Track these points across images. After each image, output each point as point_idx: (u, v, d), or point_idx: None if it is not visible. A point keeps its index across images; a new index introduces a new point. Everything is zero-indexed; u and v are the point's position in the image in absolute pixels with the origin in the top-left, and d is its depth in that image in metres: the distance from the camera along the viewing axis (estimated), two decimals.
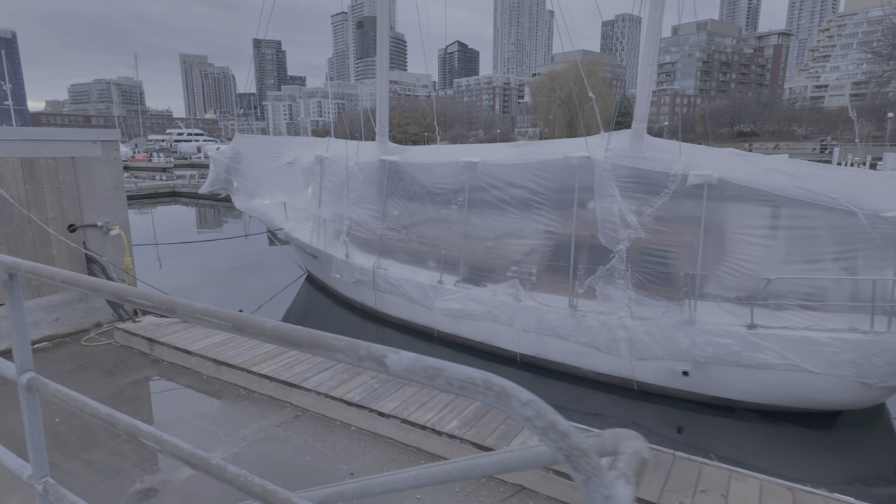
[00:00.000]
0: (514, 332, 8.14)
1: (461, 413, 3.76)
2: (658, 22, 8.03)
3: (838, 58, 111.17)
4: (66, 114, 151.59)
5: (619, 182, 7.18)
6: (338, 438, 3.83)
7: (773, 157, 9.10)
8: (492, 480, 3.34)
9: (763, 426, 6.71)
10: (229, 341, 5.12)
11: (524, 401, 0.84)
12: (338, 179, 10.31)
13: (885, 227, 5.82)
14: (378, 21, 10.80)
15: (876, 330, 5.92)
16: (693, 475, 3.05)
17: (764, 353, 6.30)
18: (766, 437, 6.66)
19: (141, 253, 15.77)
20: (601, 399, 7.58)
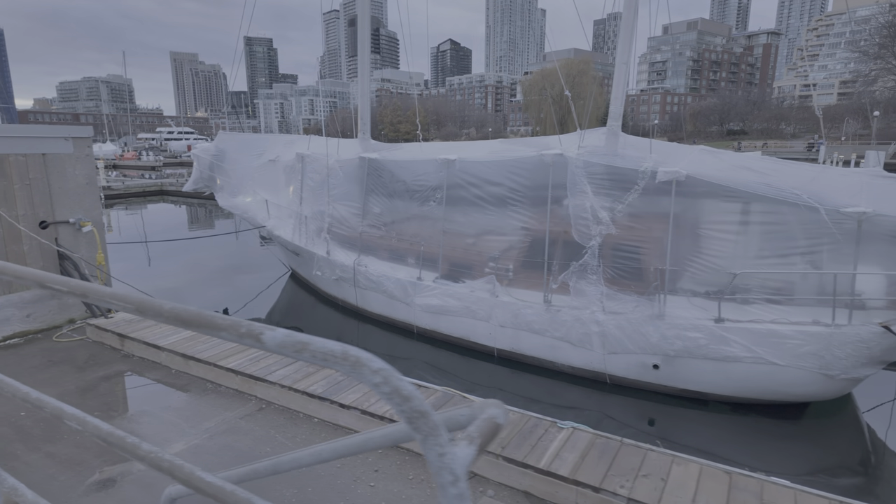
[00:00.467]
0: (491, 327, 8.24)
1: None
2: (632, 22, 8.14)
3: (826, 57, 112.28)
4: (55, 111, 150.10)
5: (591, 179, 7.28)
6: (299, 430, 3.91)
7: (743, 154, 9.26)
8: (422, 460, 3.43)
9: (733, 418, 6.85)
10: (200, 336, 5.17)
11: (374, 369, 0.91)
12: (318, 177, 10.37)
13: (845, 222, 5.96)
14: (359, 19, 10.84)
15: (837, 323, 6.06)
16: (637, 461, 3.16)
17: (731, 346, 6.43)
18: (734, 428, 6.80)
19: (131, 251, 15.77)
20: (575, 393, 7.69)
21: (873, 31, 69.68)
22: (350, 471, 3.41)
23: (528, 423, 3.61)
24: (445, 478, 0.90)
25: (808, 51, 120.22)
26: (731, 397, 6.82)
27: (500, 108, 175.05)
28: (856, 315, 6.15)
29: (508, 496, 3.16)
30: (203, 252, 17.11)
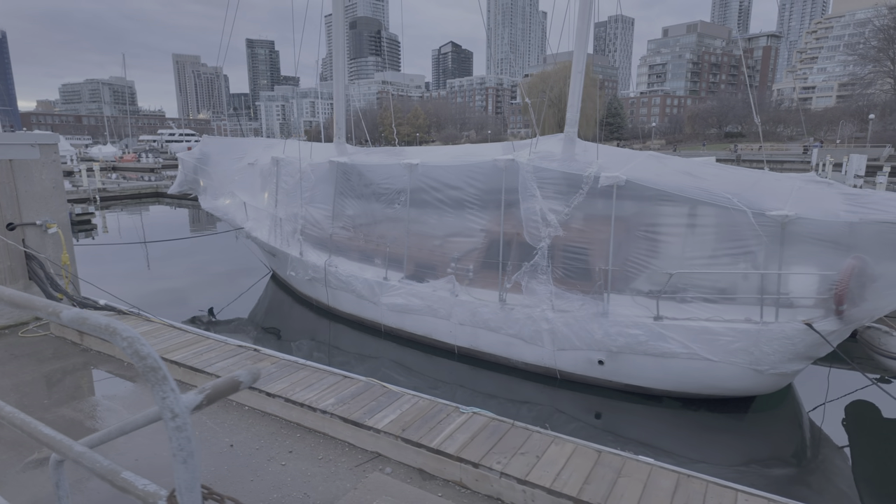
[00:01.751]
0: (452, 325, 8.56)
1: (340, 393, 4.17)
2: (585, 33, 8.47)
3: (825, 60, 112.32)
4: (57, 114, 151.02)
5: (541, 183, 7.60)
6: (229, 416, 4.24)
7: (692, 159, 9.57)
8: (352, 448, 3.76)
9: (679, 412, 7.14)
10: (155, 331, 5.51)
11: (124, 337, 1.24)
12: (292, 180, 10.71)
13: (770, 225, 6.27)
14: (333, 24, 11.17)
15: (765, 320, 6.37)
16: (521, 441, 3.48)
17: (668, 342, 6.74)
18: (676, 421, 7.09)
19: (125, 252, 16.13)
20: (529, 388, 8.00)
21: (869, 35, 69.89)
22: (267, 451, 3.74)
23: (434, 408, 3.93)
24: (166, 414, 1.23)
25: (807, 53, 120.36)
26: (671, 392, 7.13)
27: (500, 110, 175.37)
28: (785, 313, 6.46)
29: (404, 473, 3.49)
30: (194, 253, 17.47)
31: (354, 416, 3.81)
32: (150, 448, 3.76)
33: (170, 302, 11.90)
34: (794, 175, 7.49)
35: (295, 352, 9.47)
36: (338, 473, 3.47)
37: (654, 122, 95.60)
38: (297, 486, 3.34)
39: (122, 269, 15.08)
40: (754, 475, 6.14)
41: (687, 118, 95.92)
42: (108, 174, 47.34)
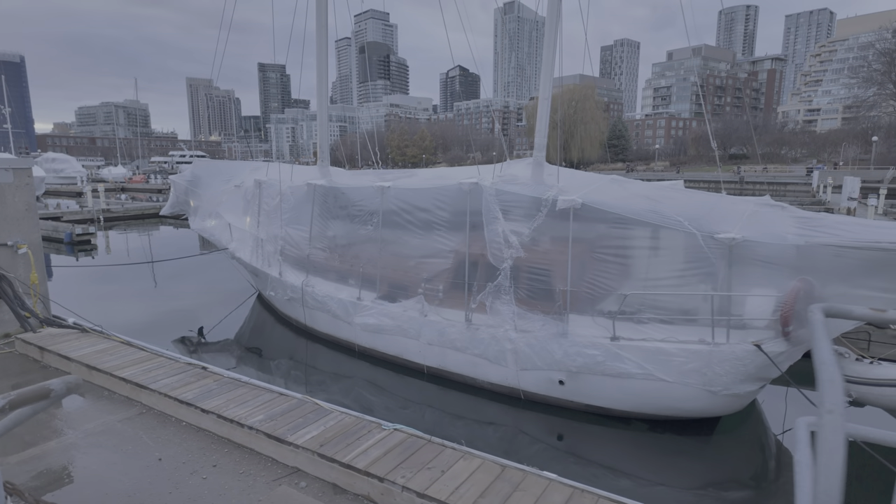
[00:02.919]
0: (421, 345, 8.66)
1: (271, 409, 4.31)
2: (551, 61, 8.74)
3: (829, 82, 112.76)
4: (72, 136, 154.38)
5: (503, 206, 7.78)
6: (166, 431, 4.38)
7: (660, 182, 9.72)
8: (275, 463, 3.88)
9: (641, 434, 7.13)
10: (111, 349, 5.69)
11: None
12: (273, 201, 10.97)
13: (718, 247, 6.38)
14: (316, 49, 11.51)
15: (717, 341, 6.43)
16: (431, 456, 3.59)
17: (624, 362, 6.80)
18: (636, 442, 7.08)
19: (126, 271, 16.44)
20: (494, 409, 8.05)
21: (871, 58, 70.25)
22: (192, 465, 3.87)
23: (357, 424, 4.05)
24: None
25: (811, 76, 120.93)
26: (631, 413, 7.16)
27: (506, 132, 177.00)
28: (739, 334, 6.52)
29: (318, 487, 3.60)
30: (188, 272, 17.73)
31: (278, 432, 3.94)
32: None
33: (162, 322, 12.08)
34: (751, 199, 7.61)
35: (274, 371, 9.61)
36: (254, 487, 3.58)
37: (657, 145, 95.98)
38: (212, 499, 3.46)
39: (116, 288, 15.34)
40: (710, 499, 6.14)
41: (691, 140, 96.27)
42: (117, 195, 48.17)
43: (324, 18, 11.11)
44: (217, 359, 9.90)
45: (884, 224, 6.66)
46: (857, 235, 6.10)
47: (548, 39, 8.67)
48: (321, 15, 11.08)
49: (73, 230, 21.61)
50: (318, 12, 11.08)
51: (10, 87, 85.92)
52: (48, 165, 58.26)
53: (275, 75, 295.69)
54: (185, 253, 22.80)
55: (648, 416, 7.10)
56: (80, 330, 6.33)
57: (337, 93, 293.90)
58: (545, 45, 8.73)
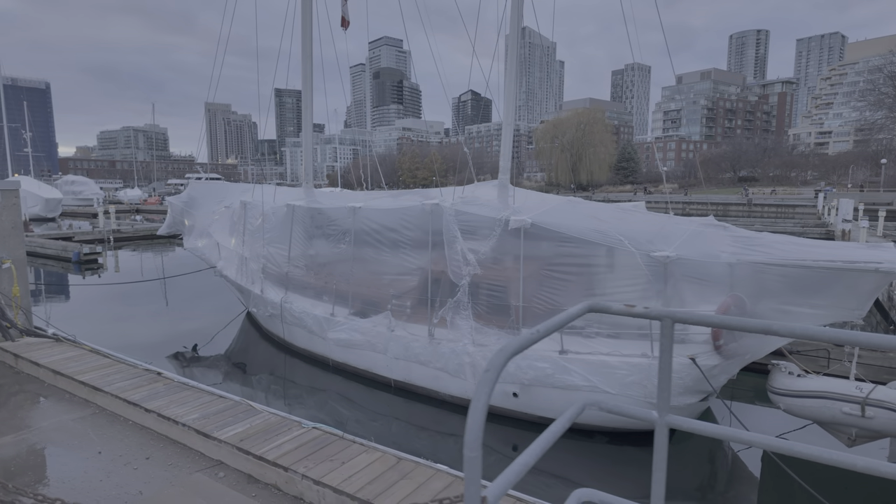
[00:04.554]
0: (388, 359, 9.00)
1: (206, 410, 4.69)
2: (514, 90, 9.22)
3: (840, 105, 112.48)
4: (93, 159, 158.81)
5: (462, 226, 8.18)
6: (112, 429, 4.77)
7: (622, 203, 10.05)
8: (202, 457, 4.24)
9: (597, 445, 7.33)
10: (79, 356, 6.13)
11: None
12: (257, 221, 11.50)
13: (655, 265, 6.69)
14: (302, 73, 12.15)
15: (655, 355, 6.69)
16: (337, 450, 3.94)
17: (571, 375, 7.08)
18: (589, 454, 7.29)
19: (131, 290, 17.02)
20: (455, 421, 8.33)
21: (880, 82, 70.23)
22: (127, 458, 4.25)
23: (280, 423, 4.42)
24: None
25: (822, 99, 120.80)
26: (580, 425, 7.39)
27: (517, 155, 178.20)
28: (680, 348, 6.77)
29: (235, 477, 3.95)
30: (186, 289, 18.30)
31: (207, 428, 4.31)
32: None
33: (159, 338, 12.44)
34: (696, 219, 7.91)
35: (255, 386, 9.98)
36: (177, 476, 3.95)
37: (665, 167, 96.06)
38: (137, 486, 3.83)
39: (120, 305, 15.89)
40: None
41: (700, 163, 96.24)
42: (132, 216, 49.40)
43: (308, 45, 11.75)
44: (206, 374, 10.29)
45: (821, 243, 6.92)
46: (789, 254, 6.38)
47: (508, 70, 9.17)
48: (306, 42, 11.72)
49: (81, 250, 22.40)
50: (304, 39, 11.72)
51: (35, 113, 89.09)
52: (67, 188, 60.17)
53: (291, 100, 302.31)
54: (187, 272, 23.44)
55: (595, 427, 7.33)
56: (55, 339, 6.80)
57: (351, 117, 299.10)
58: (506, 76, 9.22)
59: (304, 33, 11.68)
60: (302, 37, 11.73)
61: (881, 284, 5.74)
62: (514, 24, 9.15)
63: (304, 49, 11.81)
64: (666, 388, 2.26)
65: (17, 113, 71.98)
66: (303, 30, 11.72)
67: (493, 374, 1.61)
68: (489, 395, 1.53)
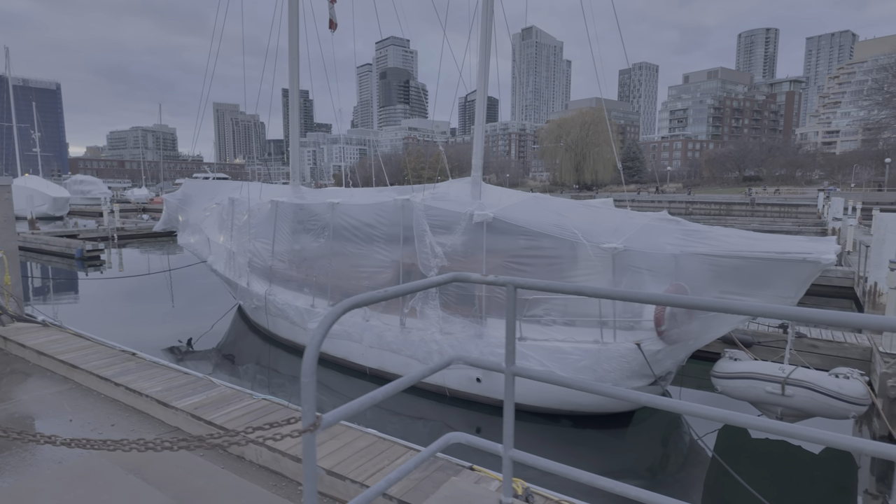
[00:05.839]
0: (363, 348, 9.43)
1: (170, 384, 5.13)
2: (484, 90, 9.61)
3: (848, 104, 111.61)
4: (103, 159, 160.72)
5: (430, 220, 8.59)
6: (86, 401, 5.22)
7: (591, 200, 10.40)
8: (162, 424, 4.68)
9: (559, 429, 7.68)
10: (63, 339, 6.61)
11: None
12: (244, 217, 11.97)
13: (604, 256, 7.06)
14: (290, 82, 12.63)
15: (605, 341, 7.07)
16: (280, 417, 4.35)
17: (529, 361, 7.47)
18: (547, 436, 7.66)
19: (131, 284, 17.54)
20: (424, 405, 8.74)
21: (884, 81, 69.82)
22: (94, 425, 4.69)
23: (234, 395, 4.85)
24: None
25: (829, 98, 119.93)
26: (538, 407, 7.78)
27: (522, 155, 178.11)
28: (629, 335, 7.15)
29: None
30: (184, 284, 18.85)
31: (167, 399, 4.75)
32: None
33: (157, 332, 12.88)
34: (650, 214, 8.25)
35: (242, 375, 10.43)
36: None
37: (669, 167, 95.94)
38: None
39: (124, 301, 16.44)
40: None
41: (705, 162, 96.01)
42: (139, 214, 50.09)
43: (295, 42, 12.18)
44: (199, 366, 10.75)
45: (765, 236, 7.23)
46: (732, 246, 6.72)
47: (480, 70, 9.55)
48: (293, 45, 12.17)
49: (84, 247, 23.03)
50: (290, 42, 12.17)
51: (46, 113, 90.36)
52: (75, 187, 61.16)
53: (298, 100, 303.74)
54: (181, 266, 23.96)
55: (552, 410, 7.71)
56: (42, 325, 7.28)
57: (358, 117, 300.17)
58: (477, 75, 9.60)
59: (291, 36, 12.13)
60: (289, 39, 12.18)
61: (811, 273, 6.07)
62: (486, 20, 9.51)
63: (291, 51, 12.25)
64: (511, 343, 2.67)
65: (27, 113, 73.22)
66: (289, 32, 12.17)
67: (329, 319, 2.03)
68: (324, 335, 1.96)
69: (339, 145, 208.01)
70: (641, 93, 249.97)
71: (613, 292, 2.29)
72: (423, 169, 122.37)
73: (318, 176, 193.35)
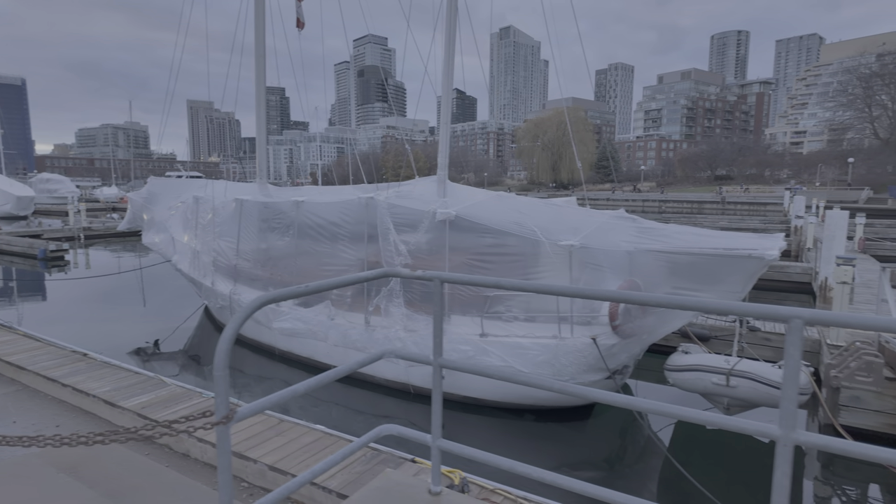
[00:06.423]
0: (328, 347, 9.41)
1: (120, 384, 5.08)
2: (449, 88, 9.67)
3: (815, 105, 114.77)
4: (71, 157, 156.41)
5: (394, 218, 8.62)
6: (32, 403, 5.13)
7: (556, 199, 10.55)
8: (108, 424, 4.63)
9: (520, 423, 7.77)
10: (13, 341, 6.46)
11: None
12: (208, 216, 11.83)
13: (561, 252, 7.19)
14: (256, 79, 12.48)
15: (563, 336, 7.20)
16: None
17: (490, 356, 7.56)
18: (508, 430, 7.75)
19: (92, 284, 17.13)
20: (389, 403, 8.77)
21: (845, 83, 72.14)
22: (38, 426, 4.62)
23: (185, 394, 4.83)
24: None
25: (797, 100, 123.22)
26: (499, 402, 7.88)
27: (501, 154, 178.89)
28: (584, 330, 7.29)
29: None
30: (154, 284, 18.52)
31: (115, 399, 4.70)
32: None
33: (122, 334, 12.61)
34: (608, 212, 8.43)
35: (207, 376, 10.30)
36: None
37: (643, 166, 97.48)
38: None
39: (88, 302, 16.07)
40: (577, 477, 6.80)
41: (678, 161, 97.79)
42: (108, 214, 48.91)
43: (262, 39, 12.06)
44: (165, 367, 10.59)
45: (717, 233, 7.45)
46: (684, 243, 6.91)
47: (445, 69, 9.61)
48: (259, 37, 12.04)
49: (48, 247, 22.43)
50: (257, 34, 12.03)
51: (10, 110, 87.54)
52: (42, 186, 59.44)
53: (274, 98, 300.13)
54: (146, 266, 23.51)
55: (515, 405, 7.82)
56: None
57: (336, 115, 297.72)
58: (442, 76, 9.66)
59: (257, 32, 12.01)
60: (255, 35, 12.05)
61: (757, 269, 6.28)
62: (450, 19, 9.56)
63: (257, 48, 12.12)
64: (439, 335, 2.73)
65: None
66: (256, 29, 12.04)
67: (243, 314, 2.06)
68: (237, 330, 1.99)
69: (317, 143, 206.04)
70: (617, 93, 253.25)
71: (528, 285, 2.37)
72: (402, 167, 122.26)
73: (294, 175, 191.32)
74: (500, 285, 2.44)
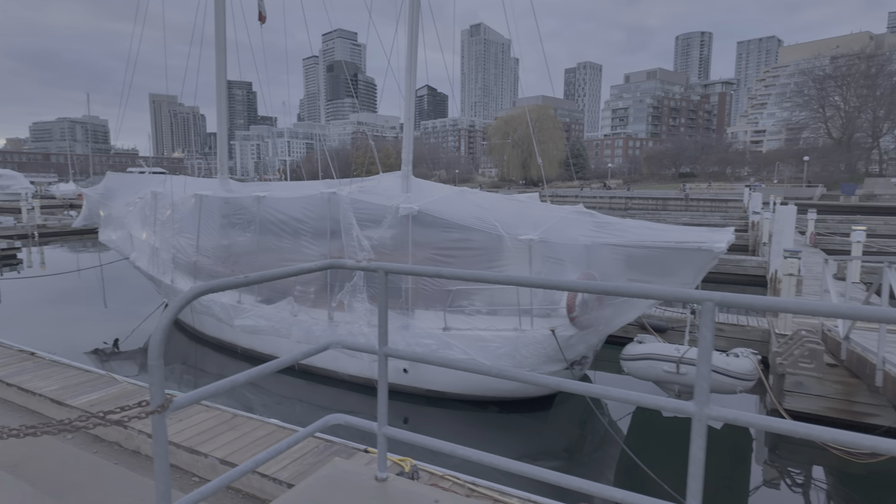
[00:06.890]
0: (291, 343, 9.33)
1: (69, 382, 4.95)
2: (412, 84, 9.69)
3: (773, 105, 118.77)
4: (26, 151, 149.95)
5: (357, 214, 8.60)
6: None
7: (519, 195, 10.72)
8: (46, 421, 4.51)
9: (485, 415, 7.84)
10: None
11: None
12: (166, 212, 11.56)
13: (521, 247, 7.32)
14: (216, 72, 12.24)
15: (523, 328, 7.33)
16: (189, 414, 4.29)
17: (453, 350, 7.63)
18: (472, 421, 7.83)
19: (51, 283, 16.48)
20: (353, 398, 8.76)
21: (801, 84, 74.92)
22: None
23: (135, 390, 4.75)
24: None
25: (757, 100, 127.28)
26: (463, 395, 7.97)
27: (472, 151, 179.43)
28: (544, 322, 7.43)
29: (82, 438, 4.25)
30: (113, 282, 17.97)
31: (63, 397, 4.59)
32: None
33: (80, 334, 12.20)
34: (567, 207, 8.61)
35: (167, 376, 10.07)
36: (27, 441, 4.21)
37: (610, 164, 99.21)
38: None
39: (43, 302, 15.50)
40: (539, 465, 6.93)
41: (644, 159, 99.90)
42: (65, 211, 47.17)
43: (222, 32, 11.83)
44: (124, 367, 10.31)
45: (671, 228, 7.71)
46: (639, 237, 7.12)
47: (408, 66, 9.62)
48: (219, 29, 11.81)
49: None
50: (217, 26, 11.80)
51: None
52: None
53: (241, 92, 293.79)
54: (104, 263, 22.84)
55: (477, 397, 7.91)
56: None
57: (304, 110, 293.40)
58: (406, 72, 9.66)
59: (217, 25, 11.78)
60: (215, 28, 11.81)
61: (706, 261, 6.52)
62: (412, 14, 9.57)
63: (218, 41, 11.89)
64: (384, 325, 2.78)
65: None
66: (216, 21, 11.81)
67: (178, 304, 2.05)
68: (172, 320, 1.98)
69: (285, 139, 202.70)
70: (586, 91, 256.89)
71: (466, 274, 2.43)
72: (373, 164, 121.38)
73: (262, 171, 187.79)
74: (441, 274, 2.49)
